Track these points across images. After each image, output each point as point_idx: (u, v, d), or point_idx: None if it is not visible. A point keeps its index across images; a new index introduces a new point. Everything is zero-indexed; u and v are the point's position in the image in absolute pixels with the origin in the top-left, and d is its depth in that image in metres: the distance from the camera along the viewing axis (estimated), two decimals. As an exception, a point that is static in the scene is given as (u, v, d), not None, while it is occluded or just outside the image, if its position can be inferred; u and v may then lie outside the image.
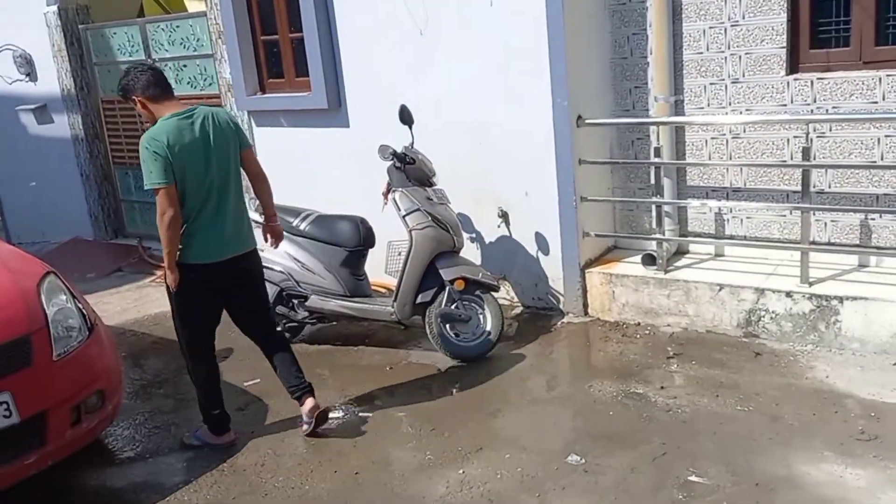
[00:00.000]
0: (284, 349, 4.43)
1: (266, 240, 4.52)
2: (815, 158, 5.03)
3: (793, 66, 5.14)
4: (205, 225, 4.00)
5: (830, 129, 5.05)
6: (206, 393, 4.36)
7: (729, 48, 5.26)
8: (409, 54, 5.84)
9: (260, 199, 4.37)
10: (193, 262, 4.03)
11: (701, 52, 5.35)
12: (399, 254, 5.32)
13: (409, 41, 5.80)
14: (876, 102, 4.89)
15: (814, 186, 5.05)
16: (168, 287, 4.12)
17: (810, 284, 4.87)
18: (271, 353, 4.41)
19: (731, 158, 5.40)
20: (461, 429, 4.27)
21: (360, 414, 4.56)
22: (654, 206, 5.49)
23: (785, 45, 5.08)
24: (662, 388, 4.49)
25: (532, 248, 5.70)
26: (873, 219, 5.07)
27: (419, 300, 5.09)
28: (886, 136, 4.90)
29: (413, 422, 4.40)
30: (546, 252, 5.64)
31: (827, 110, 5.04)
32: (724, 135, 5.39)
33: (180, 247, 3.99)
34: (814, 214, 5.12)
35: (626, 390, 4.50)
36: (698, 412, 4.19)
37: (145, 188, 3.94)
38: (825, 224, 5.21)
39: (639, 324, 5.38)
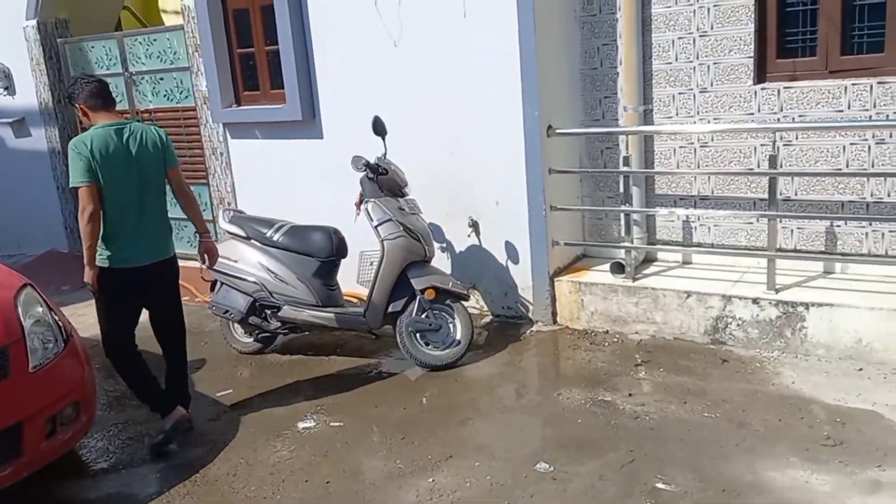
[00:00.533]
0: (182, 364, 4.60)
1: (203, 260, 4.69)
2: (781, 166, 5.03)
3: (760, 75, 5.14)
4: (125, 231, 4.20)
5: (797, 138, 5.05)
6: (135, 381, 4.46)
7: (697, 58, 5.25)
8: (383, 66, 5.81)
9: (187, 214, 4.54)
10: (114, 266, 4.20)
11: (670, 63, 5.34)
12: (371, 264, 5.28)
13: (383, 53, 5.78)
14: (842, 111, 4.89)
15: (780, 194, 5.05)
16: (90, 288, 4.26)
17: (777, 291, 4.85)
18: (169, 363, 4.57)
19: (698, 167, 5.39)
20: (431, 437, 4.22)
21: (332, 423, 4.49)
22: (622, 215, 5.48)
23: (752, 54, 5.09)
24: (630, 395, 4.45)
25: (502, 257, 5.68)
26: (839, 226, 5.06)
27: (390, 309, 5.08)
28: (852, 143, 4.90)
29: (383, 431, 4.35)
30: (516, 261, 5.61)
31: (793, 119, 5.04)
32: (692, 143, 5.38)
33: (108, 253, 4.18)
34: (780, 222, 5.12)
35: (595, 398, 4.46)
36: (666, 419, 4.15)
37: (70, 186, 4.17)
38: (791, 231, 5.21)
39: (607, 332, 5.35)
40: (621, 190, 5.39)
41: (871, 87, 4.78)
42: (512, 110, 5.32)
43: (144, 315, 4.45)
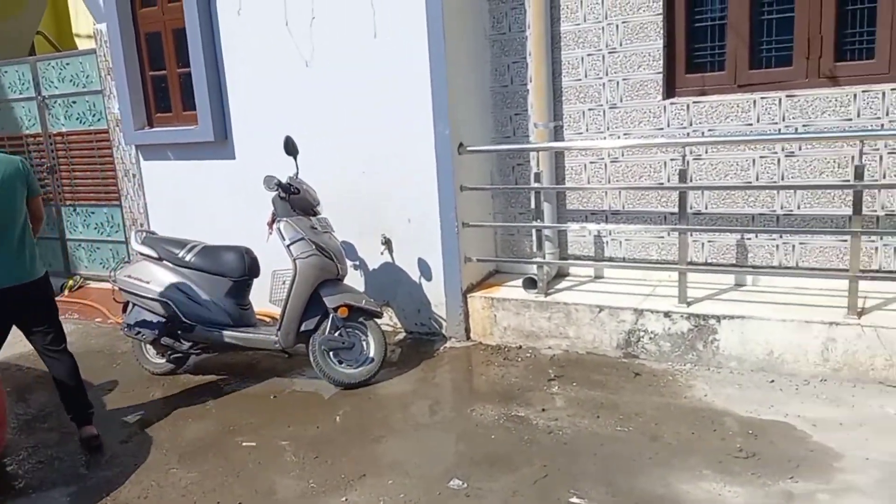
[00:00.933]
0: (71, 374, 4.46)
1: None
2: (691, 180, 4.90)
3: (669, 90, 5.03)
4: None
5: (706, 152, 4.92)
6: None
7: (607, 74, 5.12)
8: (295, 86, 5.59)
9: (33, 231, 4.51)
10: None
11: (579, 79, 5.20)
12: (283, 283, 5.03)
13: (295, 73, 5.56)
14: (751, 124, 4.79)
15: (691, 208, 4.93)
16: None
17: (688, 304, 4.69)
18: (58, 377, 4.44)
19: (609, 182, 5.24)
20: (344, 456, 3.95)
21: (244, 444, 4.19)
22: (534, 231, 5.30)
23: (661, 70, 4.98)
24: (544, 410, 4.23)
25: (415, 274, 5.46)
26: (749, 238, 4.94)
27: (303, 328, 4.84)
28: (761, 157, 4.79)
29: (296, 450, 4.07)
30: (429, 278, 5.39)
31: (703, 133, 4.92)
32: (603, 159, 5.24)
33: None
34: (691, 235, 5.00)
35: (508, 413, 4.22)
36: (579, 433, 3.94)
37: None
38: (702, 244, 5.07)
39: (520, 347, 5.15)
40: (533, 206, 5.21)
41: (780, 100, 4.69)
42: (423, 128, 5.13)
43: (30, 345, 4.27)
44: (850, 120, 4.54)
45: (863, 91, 4.50)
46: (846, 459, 3.49)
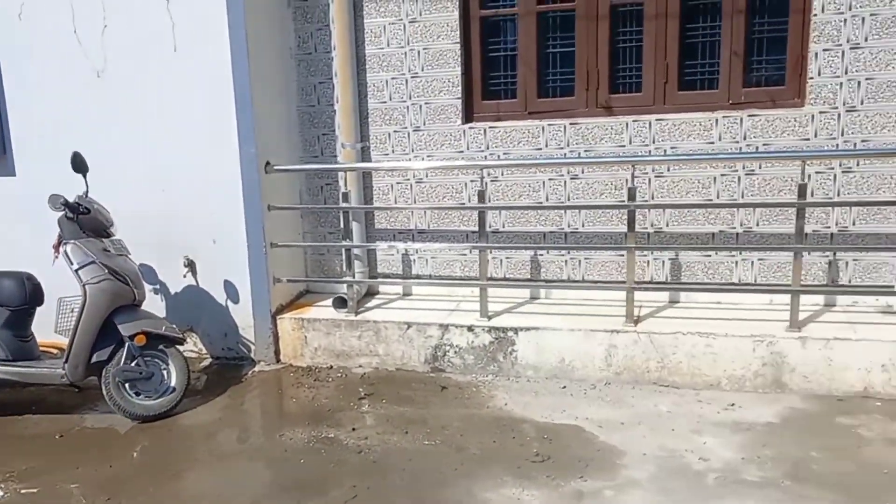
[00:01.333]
0: None
1: None
2: (489, 201, 5.19)
3: (468, 115, 5.29)
4: None
5: (502, 174, 5.23)
6: None
7: (410, 98, 5.31)
8: (85, 98, 5.28)
9: None
10: None
11: (385, 101, 5.35)
12: (72, 310, 4.72)
13: (85, 84, 5.26)
14: (540, 148, 5.14)
15: (489, 226, 5.22)
16: None
17: (489, 318, 4.95)
18: None
19: (415, 202, 5.43)
20: (141, 495, 3.75)
21: (23, 491, 3.86)
22: (343, 250, 5.38)
23: (461, 96, 5.22)
24: (354, 429, 4.28)
25: (221, 296, 5.34)
26: (541, 254, 5.30)
27: (95, 359, 4.55)
28: (550, 179, 5.16)
29: (86, 493, 3.80)
30: (236, 300, 5.30)
31: (499, 156, 5.21)
32: (409, 180, 5.42)
33: None
34: (490, 252, 5.28)
35: (318, 435, 4.24)
36: (388, 450, 4.03)
37: None
38: (501, 261, 5.38)
39: (331, 367, 5.18)
40: (342, 225, 5.29)
41: (565, 127, 5.08)
42: (227, 146, 5.05)
43: None
44: (624, 146, 5.02)
45: (633, 121, 4.99)
46: (628, 456, 3.82)
